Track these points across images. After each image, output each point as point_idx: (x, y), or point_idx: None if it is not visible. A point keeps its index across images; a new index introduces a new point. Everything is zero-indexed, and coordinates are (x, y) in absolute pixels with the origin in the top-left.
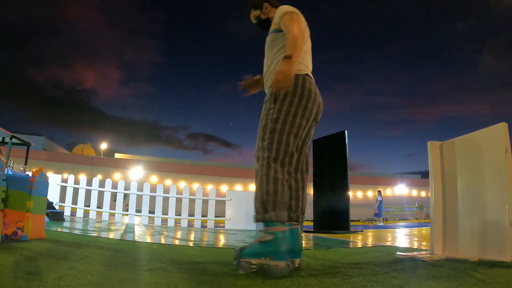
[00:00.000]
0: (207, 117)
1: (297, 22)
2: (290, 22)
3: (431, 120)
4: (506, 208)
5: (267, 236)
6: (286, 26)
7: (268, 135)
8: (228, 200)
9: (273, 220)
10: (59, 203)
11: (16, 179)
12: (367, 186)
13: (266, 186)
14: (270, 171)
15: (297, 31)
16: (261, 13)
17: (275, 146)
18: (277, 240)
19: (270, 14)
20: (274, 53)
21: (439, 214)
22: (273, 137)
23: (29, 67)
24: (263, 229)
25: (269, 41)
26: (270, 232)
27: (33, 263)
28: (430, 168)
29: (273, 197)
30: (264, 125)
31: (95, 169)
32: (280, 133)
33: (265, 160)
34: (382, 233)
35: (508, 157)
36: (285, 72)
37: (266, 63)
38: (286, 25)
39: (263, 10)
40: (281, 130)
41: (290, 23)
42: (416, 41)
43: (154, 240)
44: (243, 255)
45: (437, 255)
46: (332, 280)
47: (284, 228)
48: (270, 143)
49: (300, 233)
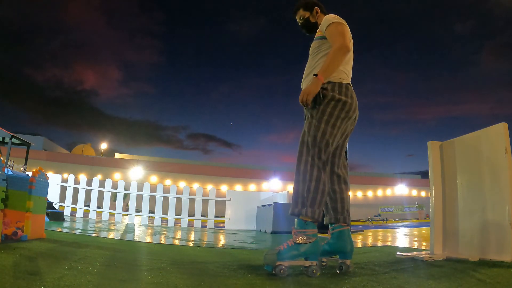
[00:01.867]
0: (207, 117)
1: (343, 34)
2: (336, 33)
3: (431, 120)
4: (506, 208)
5: (303, 237)
6: (332, 37)
7: (313, 133)
8: (228, 200)
9: (309, 215)
10: (59, 203)
11: (16, 179)
12: (367, 186)
13: (308, 184)
14: (314, 169)
15: (339, 45)
16: (311, 16)
17: (318, 144)
18: (313, 241)
19: (319, 20)
20: (317, 59)
21: (439, 214)
22: (316, 135)
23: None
24: (297, 230)
25: (314, 47)
26: (306, 234)
27: (33, 263)
28: (430, 168)
29: (314, 194)
30: (309, 122)
31: (95, 169)
32: (323, 133)
33: (310, 157)
34: (382, 233)
35: (508, 157)
36: (309, 93)
37: (308, 67)
38: (331, 36)
39: (313, 13)
40: (324, 130)
41: (336, 34)
42: (416, 41)
43: (154, 240)
44: (280, 259)
45: (437, 255)
46: (332, 280)
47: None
48: (314, 140)
49: (350, 235)
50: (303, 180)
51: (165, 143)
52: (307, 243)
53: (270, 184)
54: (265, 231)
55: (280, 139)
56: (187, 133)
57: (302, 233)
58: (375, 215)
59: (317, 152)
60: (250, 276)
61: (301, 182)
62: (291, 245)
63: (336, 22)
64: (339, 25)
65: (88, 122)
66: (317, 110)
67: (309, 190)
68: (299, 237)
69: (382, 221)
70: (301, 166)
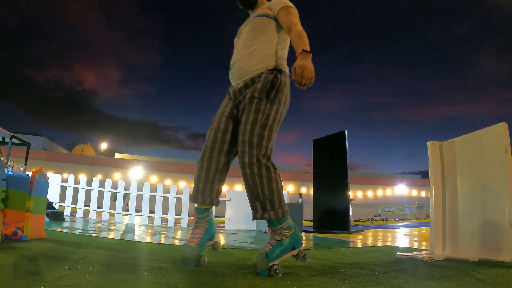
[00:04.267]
0: (207, 117)
1: (299, 20)
2: (295, 16)
3: (431, 120)
4: (506, 208)
5: (285, 232)
6: (291, 19)
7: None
8: (228, 200)
9: (285, 214)
10: (59, 203)
11: (16, 179)
12: (367, 186)
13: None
14: (263, 170)
15: (301, 28)
16: None
17: (265, 143)
18: (295, 231)
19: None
20: (262, 40)
21: (439, 214)
22: (263, 134)
23: (29, 68)
24: (278, 228)
25: (259, 24)
26: (286, 228)
27: (33, 263)
28: (430, 168)
29: (277, 194)
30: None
31: (95, 169)
32: (270, 131)
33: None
34: (382, 233)
35: (508, 157)
36: (312, 70)
37: (246, 44)
38: (290, 18)
39: None
40: (270, 127)
41: (295, 17)
42: (416, 41)
43: (154, 240)
44: (271, 260)
45: (437, 255)
46: (332, 280)
47: (289, 220)
48: (260, 139)
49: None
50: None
51: (165, 143)
52: (288, 236)
53: None
54: (265, 231)
55: (280, 139)
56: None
57: (280, 229)
58: (375, 215)
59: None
60: (250, 276)
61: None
62: (275, 243)
63: (292, 7)
64: (295, 10)
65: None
66: (266, 104)
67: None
68: (277, 235)
69: (382, 221)
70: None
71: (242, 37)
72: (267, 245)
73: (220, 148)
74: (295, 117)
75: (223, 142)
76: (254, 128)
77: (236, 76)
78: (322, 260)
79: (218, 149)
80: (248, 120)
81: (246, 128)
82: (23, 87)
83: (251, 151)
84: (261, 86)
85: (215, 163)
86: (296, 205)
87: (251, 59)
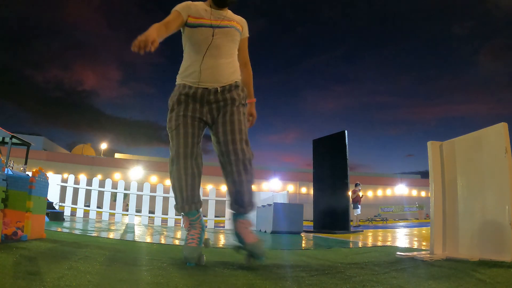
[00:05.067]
0: None
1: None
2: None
3: (431, 120)
4: (506, 208)
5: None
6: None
7: (246, 132)
8: (228, 200)
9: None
10: (59, 203)
11: (16, 179)
12: (367, 186)
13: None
14: (252, 165)
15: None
16: None
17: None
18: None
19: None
20: (235, 54)
21: (439, 214)
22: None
23: (29, 68)
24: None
25: (235, 37)
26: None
27: (33, 263)
28: (430, 168)
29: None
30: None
31: (95, 169)
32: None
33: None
34: (382, 233)
35: (508, 157)
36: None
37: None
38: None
39: None
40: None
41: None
42: (416, 41)
43: (154, 240)
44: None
45: (437, 255)
46: (332, 280)
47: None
48: (248, 139)
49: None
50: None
51: (165, 143)
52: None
53: (270, 184)
54: (265, 231)
55: (280, 139)
56: None
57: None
58: (375, 215)
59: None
60: (250, 276)
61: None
62: (253, 229)
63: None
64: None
65: (88, 122)
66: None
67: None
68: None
69: (382, 221)
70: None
71: (223, 45)
72: (252, 235)
73: (192, 152)
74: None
75: (194, 146)
76: (245, 129)
77: (213, 79)
78: (322, 260)
79: (191, 154)
80: (240, 121)
81: (241, 128)
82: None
83: (248, 149)
84: (244, 95)
85: (191, 169)
86: (296, 205)
87: (230, 68)
